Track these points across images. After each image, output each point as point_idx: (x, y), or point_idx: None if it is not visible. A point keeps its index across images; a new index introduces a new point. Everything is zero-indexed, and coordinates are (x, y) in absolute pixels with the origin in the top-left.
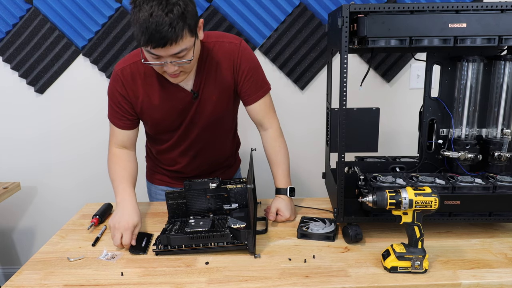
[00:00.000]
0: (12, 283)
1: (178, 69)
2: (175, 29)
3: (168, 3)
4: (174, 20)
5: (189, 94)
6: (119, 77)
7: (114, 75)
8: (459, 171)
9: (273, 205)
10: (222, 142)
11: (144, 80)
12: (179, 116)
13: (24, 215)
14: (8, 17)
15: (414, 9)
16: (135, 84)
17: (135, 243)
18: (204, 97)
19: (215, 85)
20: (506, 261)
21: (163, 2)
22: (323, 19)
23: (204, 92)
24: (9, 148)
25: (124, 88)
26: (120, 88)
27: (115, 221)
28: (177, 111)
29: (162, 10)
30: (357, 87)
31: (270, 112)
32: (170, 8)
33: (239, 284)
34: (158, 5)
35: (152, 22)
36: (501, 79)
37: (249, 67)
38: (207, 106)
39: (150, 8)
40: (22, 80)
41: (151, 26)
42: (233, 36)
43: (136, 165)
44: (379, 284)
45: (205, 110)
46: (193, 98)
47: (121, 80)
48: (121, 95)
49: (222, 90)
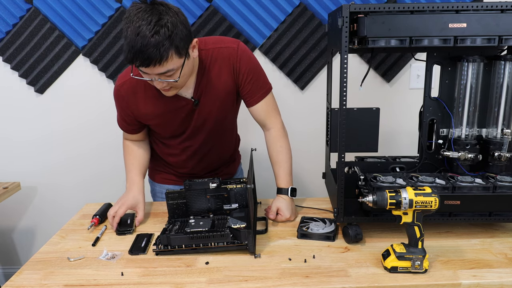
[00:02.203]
0: (12, 283)
1: (167, 85)
2: (159, 51)
3: (156, 24)
4: (159, 42)
5: (190, 102)
6: (120, 92)
7: (116, 89)
8: (459, 171)
9: (274, 204)
10: (227, 142)
11: (145, 92)
12: (182, 123)
13: (24, 215)
14: (8, 17)
15: (414, 9)
16: (136, 97)
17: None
18: (207, 104)
19: (217, 91)
20: (506, 261)
21: (152, 23)
22: (323, 19)
23: (205, 99)
24: (9, 148)
25: (126, 102)
26: (122, 103)
27: (120, 199)
28: (180, 119)
29: (149, 31)
30: (357, 87)
31: (272, 112)
32: (157, 29)
33: (239, 284)
34: (146, 24)
35: (138, 41)
36: (501, 79)
37: (249, 69)
38: (212, 112)
39: (139, 27)
40: (22, 80)
41: (137, 45)
42: (230, 40)
43: (147, 152)
44: (379, 284)
45: (210, 116)
46: (194, 105)
47: (122, 95)
48: (124, 107)
49: (225, 95)
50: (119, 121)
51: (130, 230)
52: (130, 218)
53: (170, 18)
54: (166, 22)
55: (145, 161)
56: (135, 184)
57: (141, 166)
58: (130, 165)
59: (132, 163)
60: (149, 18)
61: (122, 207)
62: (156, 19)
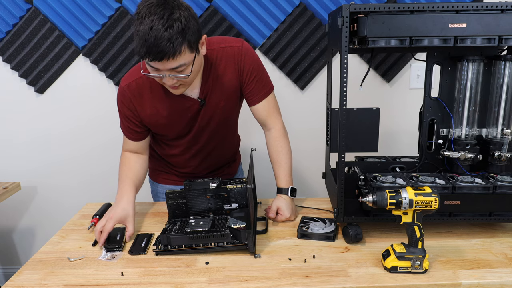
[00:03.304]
0: (12, 283)
1: (176, 82)
2: (173, 44)
3: (169, 18)
4: (173, 36)
5: (196, 102)
6: (126, 93)
7: (121, 91)
8: (459, 171)
9: (274, 204)
10: (229, 142)
11: (151, 93)
12: (188, 123)
13: (24, 215)
14: (8, 17)
15: (414, 9)
16: (142, 98)
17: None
18: (212, 104)
19: (222, 91)
20: (506, 261)
21: (164, 17)
22: (323, 19)
23: (211, 98)
24: (9, 148)
25: (132, 103)
26: (127, 104)
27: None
28: (186, 120)
29: (162, 25)
30: (357, 87)
31: (273, 112)
32: (170, 23)
33: (239, 284)
34: (159, 19)
35: (151, 35)
36: (501, 79)
37: (253, 67)
38: (216, 112)
39: (151, 22)
40: (22, 80)
41: (150, 40)
42: (234, 39)
43: (144, 168)
44: (379, 284)
45: (214, 116)
46: (201, 105)
47: (128, 96)
48: (129, 109)
49: (229, 94)
50: (122, 127)
51: (119, 247)
52: (120, 233)
53: (182, 13)
54: (179, 16)
55: (141, 176)
56: (124, 195)
57: (135, 179)
58: (124, 176)
59: (126, 174)
60: (161, 12)
61: (110, 222)
62: (168, 13)
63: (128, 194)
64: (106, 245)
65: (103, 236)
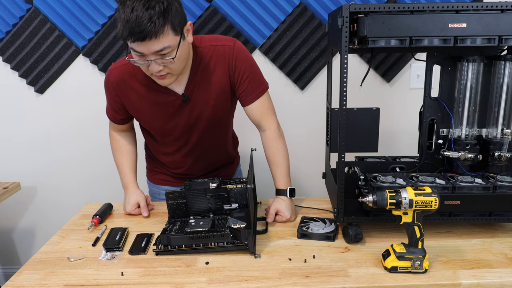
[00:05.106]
0: (12, 283)
1: (163, 69)
2: (155, 24)
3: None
4: (154, 15)
5: (179, 97)
6: (110, 79)
7: (107, 75)
8: (459, 171)
9: (273, 207)
10: (223, 143)
11: (135, 81)
12: (171, 119)
13: (24, 215)
14: (8, 17)
15: (414, 9)
16: (125, 85)
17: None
18: (200, 102)
19: (211, 89)
20: (506, 261)
21: None
22: (323, 19)
23: (198, 96)
24: (9, 148)
25: (114, 89)
26: (112, 88)
27: (125, 206)
28: (168, 114)
29: (143, 5)
30: (357, 87)
31: (268, 113)
32: (152, 4)
33: (239, 284)
34: (140, 0)
35: (132, 16)
36: (501, 79)
37: (245, 67)
38: (205, 110)
39: (132, 3)
40: (22, 80)
41: (131, 20)
42: (227, 38)
43: (134, 145)
44: (379, 284)
45: (203, 115)
46: (183, 101)
47: (111, 82)
48: (112, 96)
49: (220, 93)
50: (107, 110)
51: (119, 248)
52: (120, 234)
53: None
54: None
55: (134, 156)
56: (130, 183)
57: (131, 163)
58: (121, 166)
59: (122, 163)
60: None
61: (139, 210)
62: None
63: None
64: (105, 244)
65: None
